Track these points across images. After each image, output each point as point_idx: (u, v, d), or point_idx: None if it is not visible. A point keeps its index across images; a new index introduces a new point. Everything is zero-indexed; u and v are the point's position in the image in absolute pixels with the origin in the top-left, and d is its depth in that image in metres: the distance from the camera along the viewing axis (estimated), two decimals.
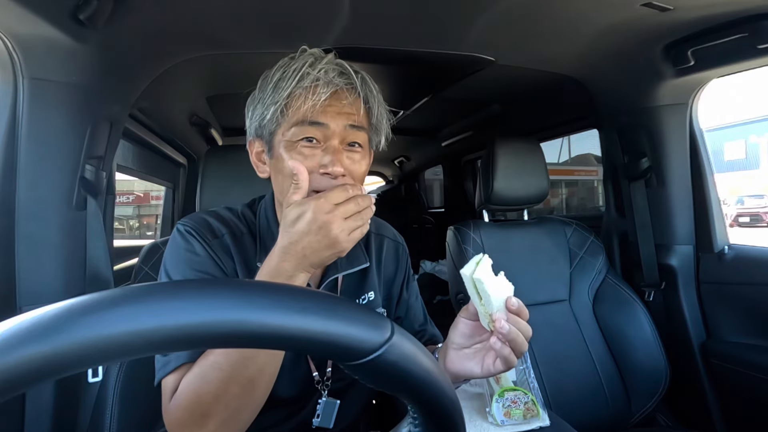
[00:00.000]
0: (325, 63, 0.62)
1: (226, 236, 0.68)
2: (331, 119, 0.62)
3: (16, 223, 0.80)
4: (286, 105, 0.62)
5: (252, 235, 0.71)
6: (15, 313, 0.56)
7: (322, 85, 0.61)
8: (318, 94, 0.60)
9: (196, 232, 0.66)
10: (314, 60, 0.62)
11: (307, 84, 0.61)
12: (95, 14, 0.75)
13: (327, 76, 0.61)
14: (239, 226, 0.71)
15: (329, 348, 0.25)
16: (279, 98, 0.62)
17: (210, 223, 0.69)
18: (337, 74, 0.62)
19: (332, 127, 0.62)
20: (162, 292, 0.24)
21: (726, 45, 1.03)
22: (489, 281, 0.58)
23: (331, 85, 0.61)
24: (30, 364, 0.20)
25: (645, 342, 1.29)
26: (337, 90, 0.62)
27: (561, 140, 3.88)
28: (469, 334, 0.62)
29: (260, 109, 0.64)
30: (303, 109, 0.61)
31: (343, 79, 0.62)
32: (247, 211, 0.74)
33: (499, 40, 1.15)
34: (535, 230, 1.47)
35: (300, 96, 0.61)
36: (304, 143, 0.62)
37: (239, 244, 0.69)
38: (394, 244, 0.84)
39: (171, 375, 0.57)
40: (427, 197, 3.84)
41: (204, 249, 0.65)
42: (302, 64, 0.62)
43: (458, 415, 0.30)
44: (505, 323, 0.57)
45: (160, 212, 2.01)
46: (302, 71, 0.61)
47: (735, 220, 12.60)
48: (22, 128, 0.79)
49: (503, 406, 0.71)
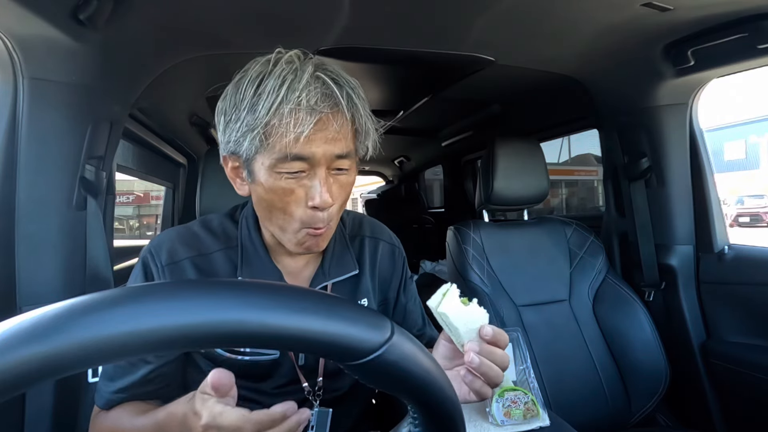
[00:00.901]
0: (304, 83, 0.53)
1: (186, 261, 0.65)
2: (317, 148, 0.55)
3: (16, 223, 0.80)
4: (265, 133, 0.55)
5: (231, 249, 0.68)
6: (15, 313, 0.56)
7: (304, 113, 0.53)
8: (300, 125, 0.53)
9: (152, 257, 0.65)
10: (293, 78, 0.54)
11: (286, 111, 0.53)
12: (95, 14, 0.75)
13: (309, 101, 0.53)
14: (210, 243, 0.68)
15: (329, 348, 0.25)
16: (256, 124, 0.54)
17: (173, 245, 0.66)
18: (320, 97, 0.54)
19: (318, 156, 0.56)
20: (162, 292, 0.24)
21: (726, 45, 1.03)
22: (456, 314, 0.55)
23: (315, 113, 0.54)
24: (30, 364, 0.20)
25: (645, 342, 1.29)
26: (321, 117, 0.55)
27: (561, 140, 3.88)
28: (450, 357, 0.60)
29: (234, 131, 0.57)
30: (284, 141, 0.54)
31: (328, 104, 0.55)
32: (227, 222, 0.71)
33: (499, 40, 1.15)
34: (535, 230, 1.47)
35: (280, 125, 0.54)
36: (288, 176, 0.57)
37: (206, 264, 0.66)
38: (389, 246, 0.81)
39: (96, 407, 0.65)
40: (427, 197, 3.84)
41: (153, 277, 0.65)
42: (279, 84, 0.53)
43: (458, 415, 0.30)
44: (474, 356, 0.52)
45: (160, 212, 2.01)
46: (280, 95, 0.53)
47: (735, 220, 12.60)
48: (22, 128, 0.79)
49: (503, 406, 0.71)
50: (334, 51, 1.14)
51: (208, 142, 1.90)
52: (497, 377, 0.53)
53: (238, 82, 0.58)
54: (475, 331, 0.54)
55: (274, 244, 0.69)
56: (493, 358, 0.53)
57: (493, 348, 0.54)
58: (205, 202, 1.14)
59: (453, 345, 0.59)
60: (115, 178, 1.07)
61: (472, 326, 0.55)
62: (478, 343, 0.53)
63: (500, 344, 0.55)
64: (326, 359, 0.71)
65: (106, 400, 0.63)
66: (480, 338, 0.54)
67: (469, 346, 0.53)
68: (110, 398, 0.63)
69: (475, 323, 0.55)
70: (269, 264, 0.68)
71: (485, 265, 1.37)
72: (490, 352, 0.53)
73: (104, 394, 0.63)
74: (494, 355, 0.54)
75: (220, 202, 1.09)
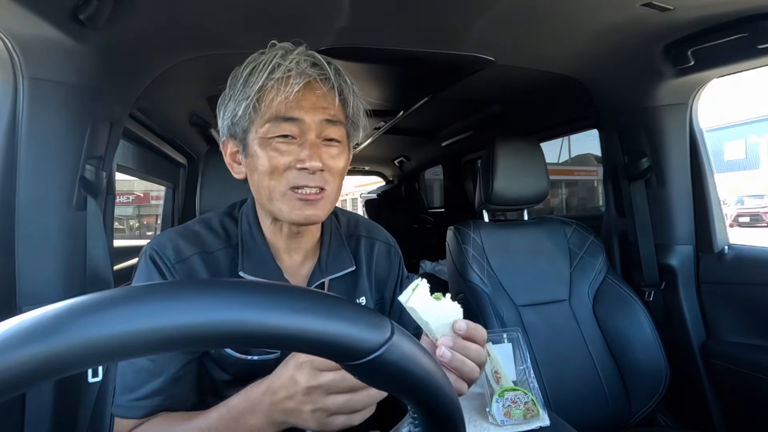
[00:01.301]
0: (296, 54, 0.60)
1: (194, 257, 0.65)
2: (305, 113, 0.60)
3: (16, 223, 0.80)
4: (258, 99, 0.60)
5: (231, 247, 0.68)
6: (15, 313, 0.56)
7: (294, 76, 0.58)
8: (290, 85, 0.58)
9: (159, 257, 0.64)
10: (285, 52, 0.60)
11: (278, 76, 0.59)
12: (95, 14, 0.75)
13: (299, 66, 0.59)
14: (213, 241, 0.68)
15: (329, 348, 0.25)
16: (250, 92, 0.59)
17: (177, 244, 0.66)
18: (309, 65, 0.60)
19: (308, 121, 0.60)
20: (162, 292, 0.24)
21: (726, 45, 1.03)
22: (425, 308, 0.54)
23: (304, 76, 0.59)
24: (30, 364, 0.20)
25: (645, 342, 1.29)
26: (310, 81, 0.60)
27: (561, 140, 3.88)
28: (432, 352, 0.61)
29: (231, 106, 0.62)
30: (276, 104, 0.59)
31: (316, 70, 0.60)
32: (227, 220, 0.72)
33: (499, 40, 1.15)
34: (535, 230, 1.47)
35: (272, 89, 0.59)
36: (280, 140, 0.61)
37: (211, 262, 0.66)
38: (385, 246, 0.82)
39: (128, 420, 0.59)
40: (427, 197, 3.84)
41: (165, 276, 0.64)
42: (272, 56, 0.60)
43: (458, 415, 0.30)
44: (446, 351, 0.52)
45: (160, 212, 2.01)
46: (273, 63, 0.59)
47: (735, 220, 12.60)
48: (22, 128, 0.79)
49: (503, 406, 0.71)
50: (334, 51, 1.14)
51: (208, 142, 1.90)
52: (471, 372, 0.53)
53: (233, 75, 0.64)
54: (448, 326, 0.54)
55: (275, 240, 0.69)
56: (467, 353, 0.53)
57: (467, 343, 0.54)
58: (205, 202, 1.14)
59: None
60: (115, 178, 1.07)
61: (444, 321, 0.54)
62: (451, 338, 0.53)
63: (476, 339, 0.54)
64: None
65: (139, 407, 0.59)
66: (454, 333, 0.54)
67: (442, 340, 0.53)
68: (142, 404, 0.59)
69: (447, 318, 0.54)
70: (270, 260, 0.68)
71: (485, 265, 1.37)
72: (464, 347, 0.53)
73: (134, 404, 0.59)
74: (468, 350, 0.53)
75: (220, 202, 1.09)
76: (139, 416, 0.59)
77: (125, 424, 0.59)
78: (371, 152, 3.17)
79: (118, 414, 0.60)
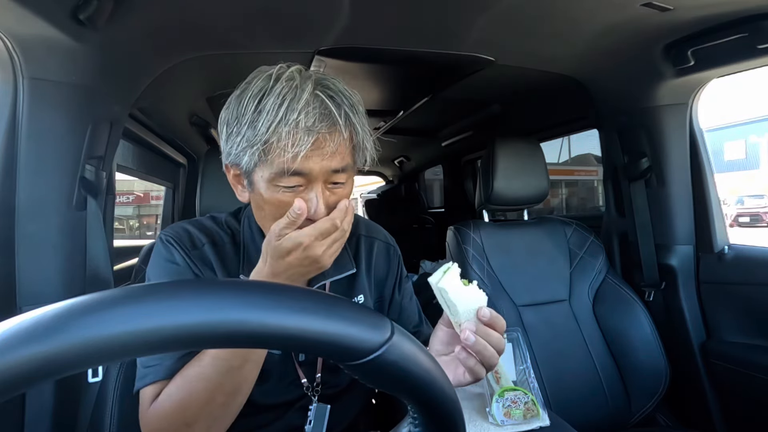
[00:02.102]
0: (303, 103, 0.55)
1: (207, 246, 0.68)
2: (314, 165, 0.57)
3: (16, 223, 0.80)
4: (264, 150, 0.56)
5: (235, 245, 0.70)
6: (15, 313, 0.56)
7: (302, 133, 0.55)
8: (298, 145, 0.54)
9: (177, 242, 0.66)
10: (292, 97, 0.55)
11: (284, 132, 0.55)
12: (95, 14, 0.75)
13: (308, 121, 0.55)
14: (221, 235, 0.70)
15: (329, 348, 0.25)
16: (255, 141, 0.56)
17: (191, 234, 0.68)
18: (318, 117, 0.55)
19: (315, 173, 0.58)
20: (162, 292, 0.24)
21: (726, 45, 1.03)
22: (455, 291, 0.56)
23: (312, 134, 0.55)
24: (30, 364, 0.20)
25: (645, 342, 1.29)
26: (318, 137, 0.56)
27: (561, 140, 3.88)
28: (447, 342, 0.62)
29: (234, 144, 0.59)
30: (282, 159, 0.56)
31: (326, 123, 0.56)
32: (232, 221, 0.73)
33: (499, 40, 1.15)
34: (535, 230, 1.47)
35: (278, 144, 0.55)
36: (286, 189, 0.58)
37: (220, 254, 0.68)
38: (384, 246, 0.83)
39: (150, 386, 0.59)
40: (427, 197, 3.84)
41: (184, 259, 0.65)
42: (279, 102, 0.55)
43: (458, 415, 0.30)
44: (470, 334, 0.54)
45: (160, 212, 2.01)
46: (279, 115, 0.55)
47: (735, 220, 12.59)
48: (22, 128, 0.79)
49: (503, 406, 0.71)
50: (334, 51, 1.14)
51: (208, 142, 1.90)
52: (492, 357, 0.55)
53: (240, 95, 0.59)
54: (473, 312, 0.56)
55: None
56: (489, 340, 0.55)
57: (489, 330, 0.56)
58: (205, 202, 1.14)
59: (452, 330, 0.60)
60: (115, 178, 1.07)
61: (470, 306, 0.56)
62: (474, 323, 0.56)
63: (497, 327, 0.57)
64: (326, 359, 0.71)
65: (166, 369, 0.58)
66: (477, 319, 0.56)
67: (466, 325, 0.56)
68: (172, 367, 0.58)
69: (473, 304, 0.56)
70: None
71: (485, 265, 1.37)
72: (486, 333, 0.56)
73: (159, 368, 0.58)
74: (490, 337, 0.56)
75: (220, 202, 1.09)
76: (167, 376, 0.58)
77: (147, 393, 0.59)
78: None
79: (143, 384, 0.59)
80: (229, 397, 0.57)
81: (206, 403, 0.55)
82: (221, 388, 0.55)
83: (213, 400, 0.55)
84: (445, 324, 0.62)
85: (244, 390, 0.58)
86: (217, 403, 0.56)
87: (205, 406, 0.55)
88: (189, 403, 0.55)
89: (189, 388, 0.56)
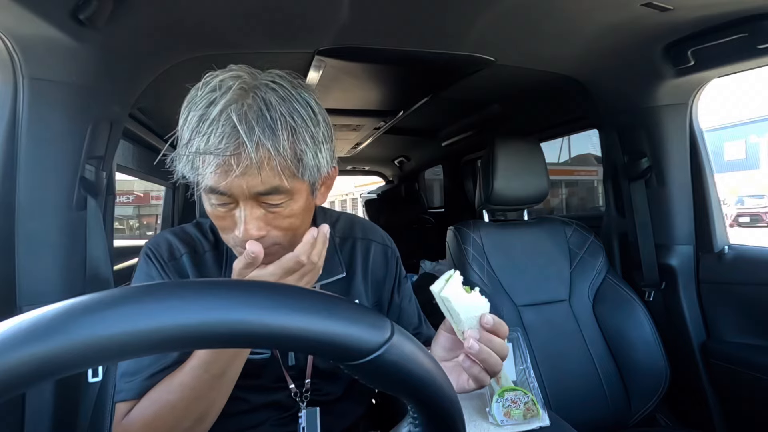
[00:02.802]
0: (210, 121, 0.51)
1: (185, 256, 0.68)
2: (230, 185, 0.52)
3: (16, 223, 0.80)
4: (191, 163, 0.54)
5: (217, 251, 0.70)
6: (15, 313, 0.56)
7: (209, 155, 0.51)
8: (206, 166, 0.52)
9: (155, 255, 0.67)
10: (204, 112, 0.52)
11: (193, 151, 0.52)
12: (95, 14, 0.75)
13: (209, 145, 0.50)
14: (202, 243, 0.70)
15: (329, 348, 0.25)
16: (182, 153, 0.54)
17: (170, 244, 0.69)
18: (222, 139, 0.50)
19: (235, 193, 0.53)
20: (162, 292, 0.24)
21: (726, 45, 1.03)
22: (458, 299, 0.56)
23: (217, 157, 0.51)
24: (30, 364, 0.20)
25: (645, 342, 1.29)
26: (225, 159, 0.51)
27: (561, 140, 3.88)
28: (449, 347, 0.62)
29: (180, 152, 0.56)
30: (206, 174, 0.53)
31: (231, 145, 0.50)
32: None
33: (499, 40, 1.14)
34: (535, 230, 1.47)
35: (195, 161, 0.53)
36: (218, 205, 0.56)
37: (200, 263, 0.69)
38: (382, 247, 0.81)
39: (123, 403, 0.60)
40: (427, 197, 3.84)
41: (159, 273, 0.66)
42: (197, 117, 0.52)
43: (458, 415, 0.30)
44: (474, 342, 0.54)
45: (160, 212, 2.01)
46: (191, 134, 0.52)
47: (735, 220, 12.60)
48: (22, 128, 0.79)
49: (503, 406, 0.71)
50: (334, 51, 1.14)
51: None
52: (496, 365, 0.55)
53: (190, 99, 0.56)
54: (475, 319, 0.56)
55: None
56: (492, 346, 0.55)
57: (493, 336, 0.56)
58: None
59: (453, 336, 0.60)
60: (115, 178, 1.07)
61: (473, 314, 0.56)
62: (478, 331, 0.55)
63: (500, 334, 0.57)
64: (325, 359, 0.71)
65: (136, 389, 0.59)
66: (480, 326, 0.56)
67: (469, 333, 0.55)
68: (141, 386, 0.59)
69: (476, 311, 0.56)
70: None
71: (485, 265, 1.37)
72: (490, 340, 0.55)
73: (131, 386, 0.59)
74: (493, 343, 0.55)
75: None
76: (135, 397, 0.60)
77: (121, 407, 0.60)
78: (371, 152, 3.16)
79: (117, 399, 0.61)
80: (195, 422, 0.57)
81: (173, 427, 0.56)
82: (188, 414, 0.56)
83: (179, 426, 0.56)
84: (446, 330, 0.62)
85: (211, 415, 0.58)
86: (183, 427, 0.57)
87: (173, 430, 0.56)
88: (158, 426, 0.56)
89: (157, 412, 0.57)
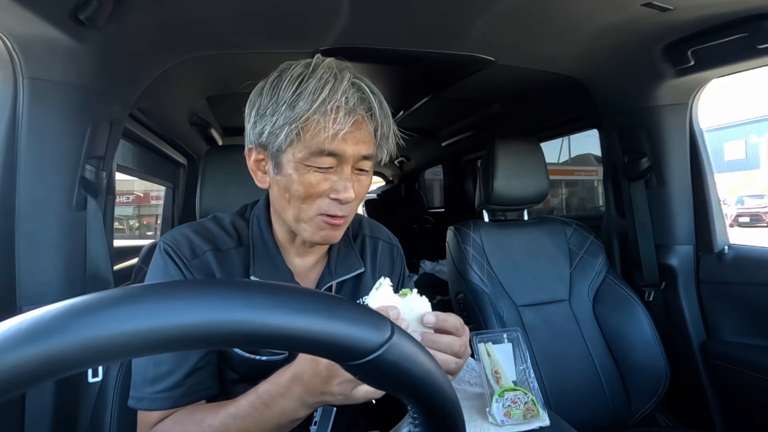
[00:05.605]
0: (345, 86, 0.58)
1: (209, 253, 0.66)
2: (348, 147, 0.60)
3: (16, 223, 0.80)
4: (303, 128, 0.58)
5: (242, 247, 0.69)
6: (15, 313, 0.56)
7: (343, 113, 0.57)
8: (339, 123, 0.57)
9: (175, 252, 0.64)
10: (334, 81, 0.58)
11: (327, 110, 0.57)
12: (95, 14, 0.75)
13: (349, 103, 0.58)
14: (225, 239, 0.68)
15: (329, 348, 0.25)
16: (294, 120, 0.58)
17: (191, 241, 0.66)
18: (357, 100, 0.59)
19: (348, 155, 0.60)
20: (162, 292, 0.24)
21: (726, 45, 1.03)
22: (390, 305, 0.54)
23: (353, 114, 0.58)
24: (30, 364, 0.20)
25: (645, 342, 1.29)
26: (357, 118, 0.59)
27: (561, 140, 3.88)
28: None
29: (269, 124, 0.60)
30: (322, 137, 0.58)
31: (364, 106, 0.60)
32: (239, 221, 0.72)
33: (499, 40, 1.15)
34: (535, 230, 1.47)
35: (319, 122, 0.57)
36: (317, 169, 0.60)
37: (224, 260, 0.67)
38: (388, 246, 0.82)
39: (153, 412, 0.59)
40: (427, 197, 3.84)
41: (179, 270, 0.63)
42: (321, 85, 0.58)
43: (458, 415, 0.30)
44: None
45: (160, 212, 2.01)
46: (323, 94, 0.57)
47: (735, 220, 12.60)
48: (22, 128, 0.79)
49: (503, 406, 0.71)
50: (334, 51, 1.14)
51: (208, 142, 1.90)
52: (446, 363, 0.53)
53: (275, 81, 0.61)
54: (416, 321, 0.54)
55: (286, 243, 0.70)
56: (438, 346, 0.53)
57: (437, 337, 0.54)
58: (205, 202, 1.14)
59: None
60: (115, 178, 1.07)
61: (413, 317, 0.54)
62: (420, 333, 0.53)
63: (448, 329, 0.54)
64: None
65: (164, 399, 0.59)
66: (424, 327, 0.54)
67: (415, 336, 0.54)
68: (166, 396, 0.59)
69: (416, 313, 0.54)
70: (281, 263, 0.68)
71: (485, 265, 1.37)
72: (434, 341, 0.53)
73: (158, 396, 0.59)
74: (438, 344, 0.53)
75: (220, 202, 1.09)
76: (165, 407, 0.59)
77: (151, 416, 0.60)
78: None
79: (142, 407, 0.60)
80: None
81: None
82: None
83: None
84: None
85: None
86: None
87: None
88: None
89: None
